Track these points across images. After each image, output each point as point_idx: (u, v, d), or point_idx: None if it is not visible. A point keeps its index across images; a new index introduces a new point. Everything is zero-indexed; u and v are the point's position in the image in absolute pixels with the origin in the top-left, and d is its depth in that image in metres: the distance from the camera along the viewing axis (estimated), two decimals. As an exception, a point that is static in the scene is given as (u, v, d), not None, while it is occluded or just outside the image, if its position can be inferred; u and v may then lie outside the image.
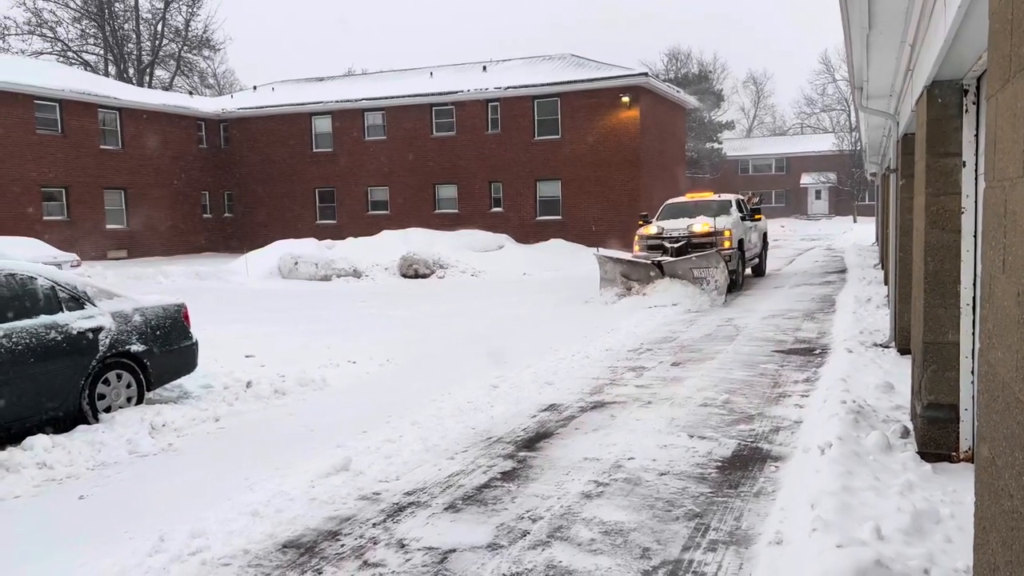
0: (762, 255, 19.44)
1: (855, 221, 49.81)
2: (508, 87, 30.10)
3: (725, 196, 17.93)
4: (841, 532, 3.73)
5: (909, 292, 7.02)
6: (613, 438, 6.12)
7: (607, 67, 30.29)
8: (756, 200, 21.06)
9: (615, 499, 4.81)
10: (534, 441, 6.16)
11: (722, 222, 15.82)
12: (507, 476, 5.34)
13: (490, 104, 30.53)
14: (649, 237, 16.05)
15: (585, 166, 28.76)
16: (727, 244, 15.45)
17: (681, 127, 35.94)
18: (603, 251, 16.67)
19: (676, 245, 15.50)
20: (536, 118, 29.99)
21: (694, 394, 7.50)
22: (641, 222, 16.88)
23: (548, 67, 31.80)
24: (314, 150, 33.41)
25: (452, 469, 5.52)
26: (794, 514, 4.29)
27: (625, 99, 28.43)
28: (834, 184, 59.26)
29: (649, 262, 14.77)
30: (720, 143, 60.95)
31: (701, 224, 15.63)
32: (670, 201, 18.47)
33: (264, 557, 4.18)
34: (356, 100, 32.54)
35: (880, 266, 18.87)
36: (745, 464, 5.41)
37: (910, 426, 5.71)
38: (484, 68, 33.14)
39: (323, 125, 33.34)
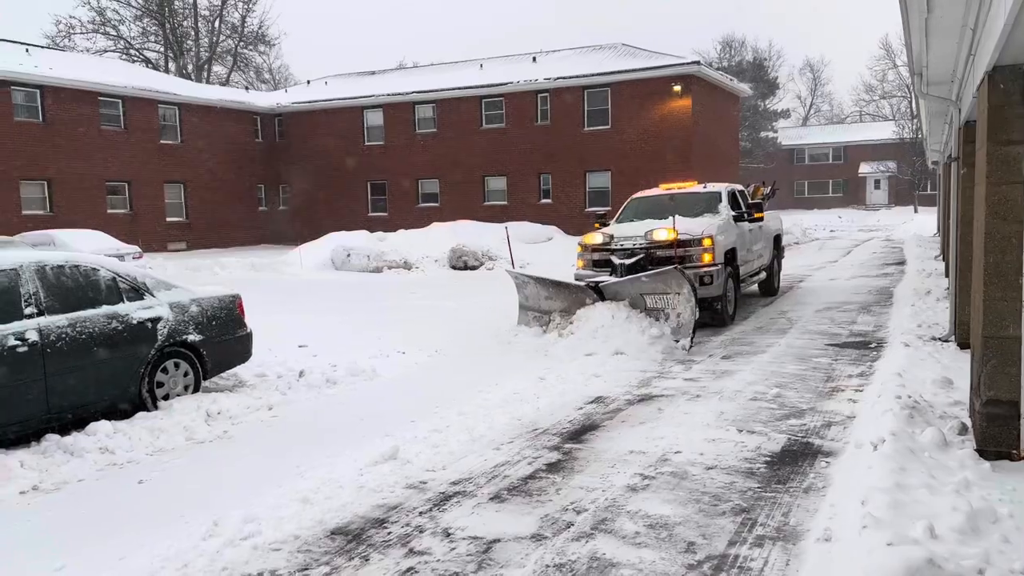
0: (772, 267, 14.00)
1: (916, 211, 48.33)
2: (558, 78, 29.97)
3: (715, 187, 12.52)
4: (892, 530, 3.65)
5: (969, 284, 6.81)
6: (660, 431, 6.08)
7: (658, 56, 29.94)
8: (765, 191, 15.64)
9: (661, 493, 4.78)
10: (580, 433, 6.16)
11: (700, 225, 10.86)
12: (552, 468, 5.35)
13: (540, 95, 30.46)
14: (593, 248, 11.10)
15: (635, 157, 28.49)
16: (707, 258, 10.45)
17: (734, 116, 35.34)
18: (519, 270, 11.45)
19: (629, 261, 10.51)
20: (586, 108, 29.82)
21: (744, 388, 7.40)
22: (598, 225, 12.18)
23: (599, 57, 31.57)
24: (366, 143, 33.80)
25: (498, 460, 5.56)
26: (844, 511, 4.21)
27: (677, 88, 28.07)
28: (894, 173, 57.54)
29: (583, 284, 10.07)
30: (775, 132, 59.79)
31: (664, 230, 10.56)
32: (638, 195, 12.90)
33: (313, 543, 4.28)
34: (407, 93, 32.78)
35: (941, 258, 18.29)
36: (795, 459, 5.33)
37: (968, 423, 5.55)
38: (534, 59, 33.06)
39: (375, 118, 33.69)
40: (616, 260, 10.56)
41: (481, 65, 33.96)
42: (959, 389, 6.56)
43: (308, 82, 39.62)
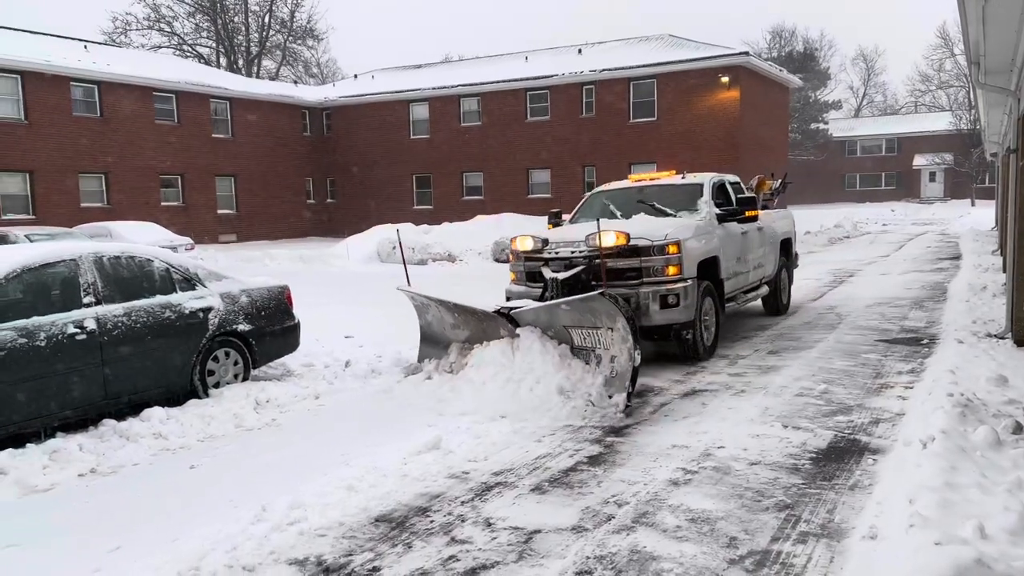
0: (778, 280, 11.06)
1: (973, 205, 46.90)
2: (603, 69, 29.81)
3: (696, 177, 9.77)
4: (941, 529, 3.58)
5: (1027, 280, 6.60)
6: (703, 426, 6.04)
7: (706, 46, 29.57)
8: (774, 185, 12.56)
9: (703, 487, 4.76)
10: (622, 427, 6.15)
11: (665, 227, 8.14)
12: (593, 460, 5.36)
13: (585, 87, 30.32)
14: (526, 257, 8.43)
15: (682, 149, 28.21)
16: (672, 270, 7.86)
17: (784, 108, 34.74)
18: (416, 290, 8.11)
19: (564, 274, 7.79)
20: (631, 100, 29.61)
21: (790, 383, 7.30)
22: (551, 225, 9.75)
23: (645, 48, 31.30)
24: (412, 136, 34.06)
25: (539, 451, 5.58)
26: (891, 509, 4.14)
27: (724, 79, 27.69)
28: (950, 165, 55.93)
29: (493, 312, 7.38)
30: (826, 123, 58.57)
31: (610, 234, 7.74)
32: (601, 188, 10.30)
33: (357, 529, 4.36)
34: (452, 86, 32.94)
35: (998, 252, 17.75)
36: (841, 456, 5.25)
37: (1023, 421, 5.40)
38: (579, 51, 32.92)
39: (420, 112, 33.92)
40: (548, 273, 7.66)
41: (526, 58, 33.94)
42: (1014, 387, 6.38)
43: (355, 76, 40.06)
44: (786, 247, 11.62)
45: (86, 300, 6.52)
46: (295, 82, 48.39)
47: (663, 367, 8.13)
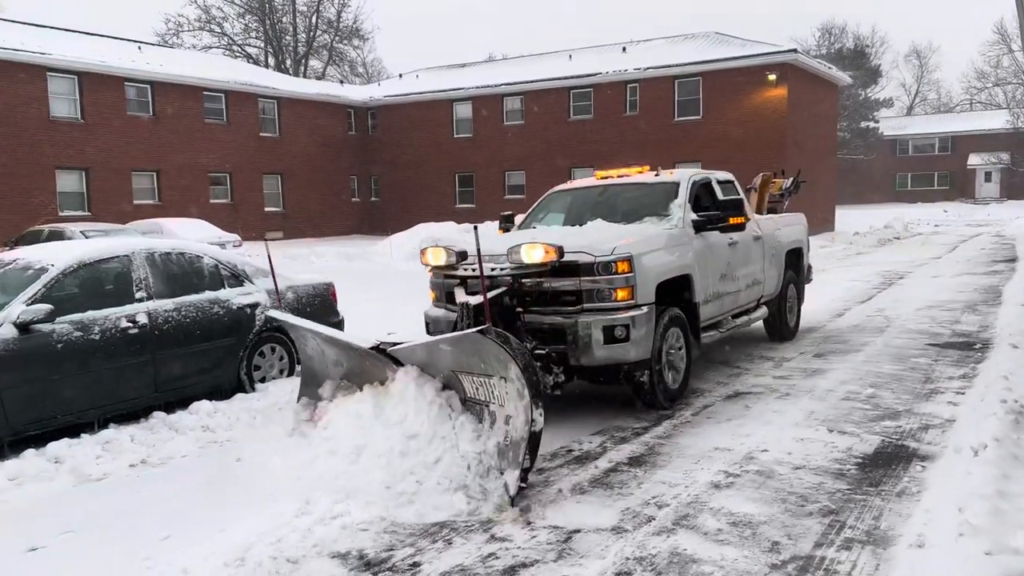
0: (783, 299, 9.27)
1: (1031, 205, 45.45)
2: (648, 67, 29.59)
3: (673, 175, 7.96)
4: (991, 539, 3.49)
5: (1087, 284, 6.36)
6: (747, 429, 5.97)
7: (752, 44, 29.16)
8: (785, 185, 11.37)
9: (745, 491, 4.71)
10: (663, 428, 6.11)
11: (614, 238, 6.47)
12: (634, 461, 5.34)
13: (629, 85, 30.13)
14: (443, 272, 6.73)
15: (727, 147, 27.85)
16: (622, 294, 6.14)
17: (832, 106, 34.09)
18: (289, 316, 6.53)
19: (477, 299, 5.79)
20: (676, 99, 29.34)
21: (836, 387, 7.17)
22: (502, 230, 8.42)
23: (690, 46, 30.99)
24: (455, 136, 34.22)
25: (581, 450, 5.58)
26: (940, 517, 4.05)
27: (771, 77, 27.28)
28: (1007, 165, 54.27)
29: (370, 347, 5.55)
30: (876, 122, 57.30)
31: (539, 247, 5.96)
32: (560, 187, 8.70)
33: (399, 525, 4.40)
34: (495, 85, 33.01)
35: (1057, 255, 17.18)
36: (888, 462, 5.14)
37: (1081, 431, 5.22)
38: (624, 49, 32.73)
39: (464, 111, 34.06)
40: (460, 296, 5.96)
41: (570, 56, 33.85)
42: (1072, 395, 6.17)
43: (400, 75, 40.38)
44: (794, 259, 9.64)
45: (138, 295, 6.69)
46: (341, 82, 49.00)
47: (707, 367, 8.05)
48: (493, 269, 6.02)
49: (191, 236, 17.62)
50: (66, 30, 29.88)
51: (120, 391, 6.42)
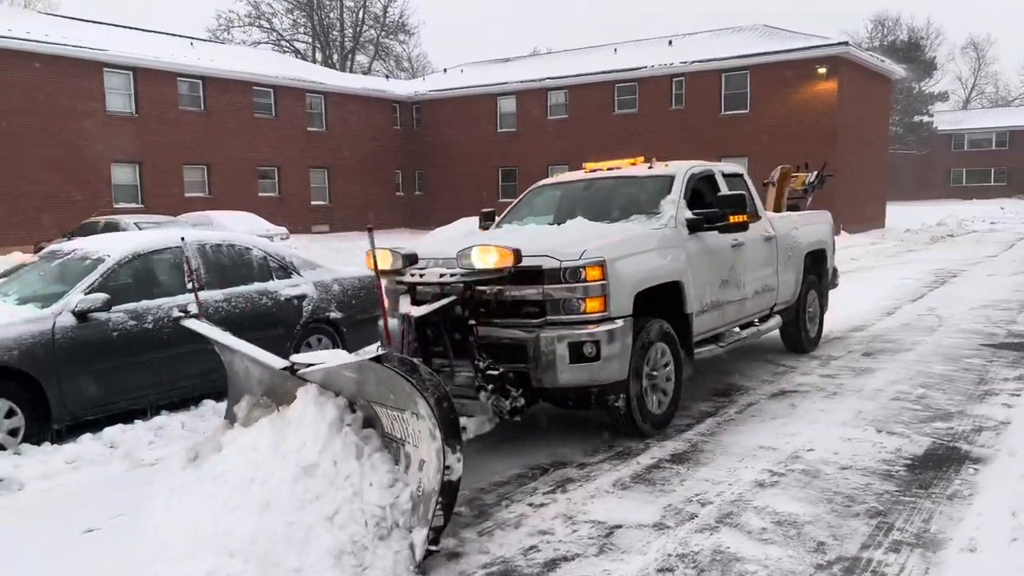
0: (801, 307, 8.34)
1: (1094, 202, 43.86)
2: (694, 61, 29.27)
3: (668, 167, 7.11)
4: (1047, 545, 3.40)
5: None
6: (792, 428, 5.89)
7: (802, 36, 28.65)
8: (809, 180, 10.91)
9: (790, 490, 4.65)
10: (706, 425, 6.06)
11: (585, 239, 5.60)
12: (677, 458, 5.31)
13: (674, 79, 29.85)
14: (394, 278, 5.69)
15: (775, 142, 27.43)
16: (593, 305, 5.27)
17: (885, 100, 33.30)
18: (198, 324, 5.48)
19: (420, 310, 5.12)
20: (723, 92, 28.98)
21: (885, 387, 7.03)
22: (482, 228, 7.63)
23: (737, 39, 30.56)
24: (498, 130, 34.29)
25: (623, 445, 5.56)
26: (992, 521, 3.95)
27: (821, 70, 26.77)
28: (1069, 160, 52.43)
29: (282, 367, 4.57)
30: (931, 116, 55.86)
31: (491, 251, 5.16)
32: (546, 182, 7.99)
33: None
34: (539, 80, 32.97)
35: (1121, 254, 16.56)
36: (939, 464, 5.03)
37: None
38: (670, 42, 32.41)
39: (507, 105, 34.10)
40: (404, 306, 5.25)
41: (615, 49, 33.64)
42: None
43: (445, 70, 40.57)
44: (816, 262, 8.73)
45: (189, 285, 6.85)
46: (386, 76, 49.42)
47: (750, 364, 7.95)
48: (443, 275, 5.24)
49: (240, 228, 17.95)
50: (121, 26, 30.65)
51: (172, 379, 6.59)
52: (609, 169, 7.46)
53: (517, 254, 5.11)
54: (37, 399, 5.79)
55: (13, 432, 5.69)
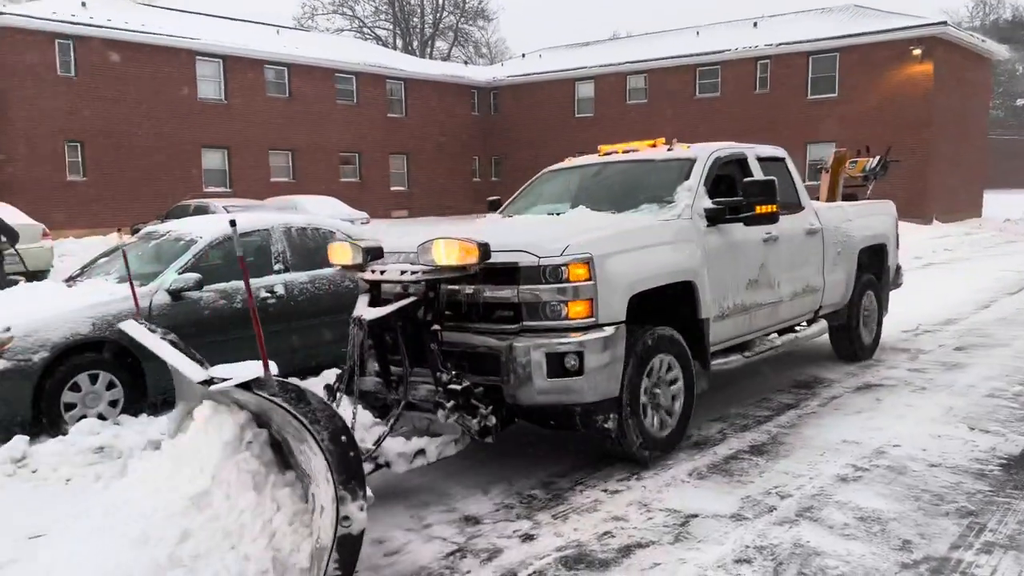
0: (855, 310, 7.46)
1: None
2: (780, 43, 28.42)
3: (689, 150, 6.16)
4: None
5: None
6: (877, 422, 5.70)
7: (895, 16, 27.44)
8: (869, 164, 10.11)
9: (874, 486, 4.51)
10: (787, 417, 5.93)
11: (573, 232, 4.88)
12: (756, 450, 5.21)
13: (759, 62, 29.05)
14: (360, 274, 4.94)
15: (864, 127, 26.40)
16: (578, 309, 4.52)
17: (985, 82, 31.66)
18: (135, 327, 4.87)
19: (380, 312, 4.48)
20: (810, 76, 28.07)
21: (978, 383, 6.72)
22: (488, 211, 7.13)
23: (826, 20, 29.51)
24: (576, 115, 34.08)
25: (699, 436, 5.50)
26: (1095, 527, 3.75)
27: (916, 52, 25.60)
28: None
29: (200, 381, 3.44)
30: (1035, 99, 52.68)
31: (454, 245, 4.38)
32: (559, 165, 7.28)
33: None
34: (619, 64, 32.59)
35: None
36: (1037, 465, 4.79)
37: None
38: (755, 24, 31.53)
39: (586, 90, 33.84)
40: (358, 308, 4.68)
41: (697, 32, 32.93)
42: None
43: (523, 55, 40.53)
44: (874, 259, 7.79)
45: (276, 267, 7.09)
46: (465, 62, 49.70)
47: (834, 356, 7.72)
48: (404, 272, 4.57)
49: (322, 213, 18.42)
50: (212, 16, 31.70)
51: (257, 357, 6.82)
52: (625, 152, 6.70)
53: (484, 249, 4.34)
54: (135, 373, 6.10)
55: (113, 403, 6.02)
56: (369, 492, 3.32)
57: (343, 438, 3.22)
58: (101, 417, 5.90)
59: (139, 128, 25.59)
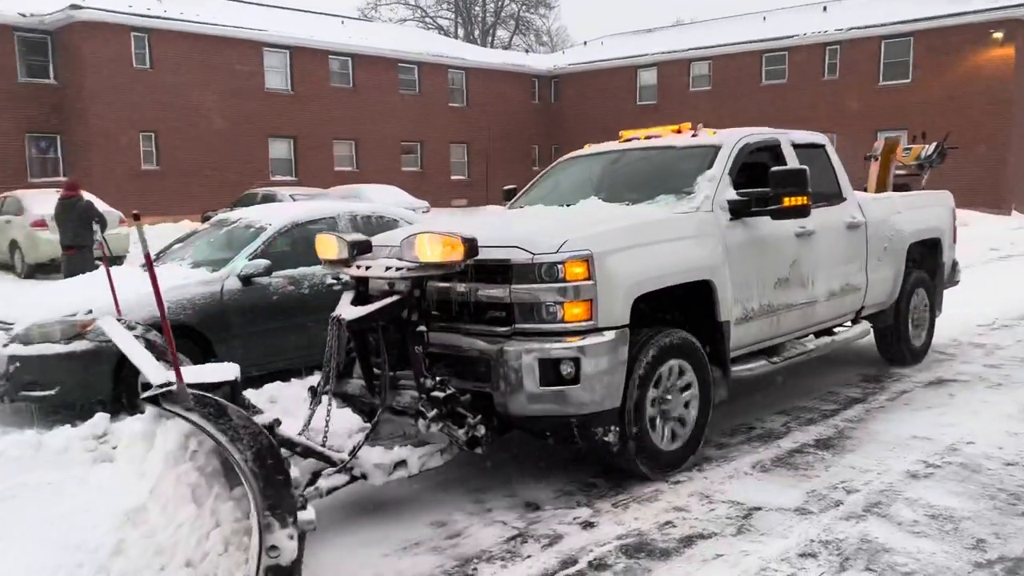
0: (903, 310, 6.87)
1: None
2: (851, 28, 27.58)
3: (717, 136, 5.69)
4: None
5: None
6: (950, 418, 5.53)
7: (976, -2, 26.33)
8: (925, 152, 9.58)
9: (946, 483, 4.38)
10: (854, 412, 5.80)
11: (568, 228, 4.49)
12: (821, 444, 5.12)
13: (828, 48, 28.27)
14: (345, 270, 4.66)
15: (939, 114, 25.45)
16: (576, 311, 4.14)
17: (1071, 65, 30.10)
18: (112, 326, 4.75)
19: (360, 312, 4.21)
20: (882, 61, 27.17)
21: (1060, 380, 6.46)
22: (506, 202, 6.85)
23: (900, 3, 28.47)
24: (638, 103, 33.72)
25: (762, 429, 5.43)
26: None
27: (996, 35, 24.55)
28: None
29: (160, 381, 3.26)
30: None
31: (436, 240, 4.07)
32: (577, 153, 6.93)
33: (576, 485, 4.48)
34: (683, 51, 32.12)
35: None
36: (1123, 467, 4.59)
37: None
38: (824, 8, 30.66)
39: (648, 77, 33.45)
40: (340, 307, 4.44)
41: (764, 17, 32.20)
42: None
43: (584, 43, 40.23)
44: (926, 255, 7.27)
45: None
46: (526, 51, 49.62)
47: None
48: (389, 269, 4.26)
49: (384, 201, 18.66)
50: (278, 7, 32.34)
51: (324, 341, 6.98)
52: (647, 138, 6.22)
53: (470, 244, 4.02)
54: (208, 354, 6.31)
55: (187, 384, 6.24)
56: (308, 516, 3.04)
57: (269, 459, 2.96)
58: (176, 397, 6.13)
59: (209, 118, 26.31)
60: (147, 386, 3.30)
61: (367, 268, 4.40)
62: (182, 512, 3.13)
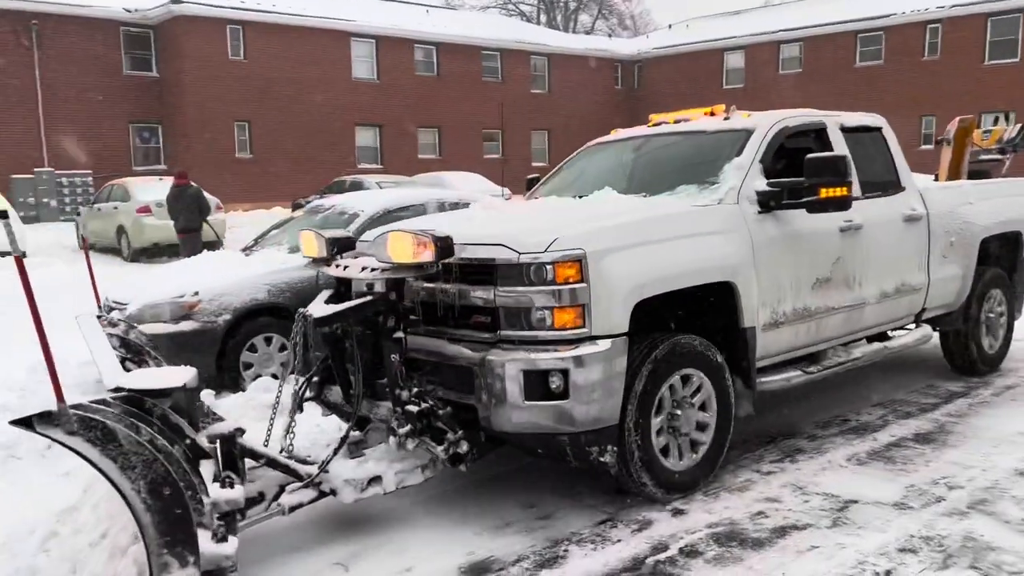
0: (972, 313, 6.09)
1: None
2: (954, 5, 26.23)
3: (751, 119, 5.11)
4: None
5: None
6: (1061, 415, 5.28)
7: (1095, -30, 24.64)
8: (1008, 133, 8.50)
9: (1058, 483, 4.20)
10: (956, 406, 5.59)
11: (562, 224, 4.00)
12: (920, 438, 4.96)
13: (929, 26, 26.98)
14: (325, 268, 4.38)
15: (1050, 95, 24.04)
16: (565, 317, 3.67)
17: None
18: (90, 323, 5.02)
19: (329, 310, 3.85)
20: (988, 39, 25.76)
21: None
22: (526, 191, 6.43)
23: (1010, -23, 26.91)
24: (724, 86, 32.98)
25: (859, 421, 5.30)
26: None
27: (1118, 8, 22.91)
28: None
29: (112, 386, 3.42)
30: None
31: (408, 239, 3.72)
32: (604, 138, 6.28)
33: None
34: (771, 32, 31.23)
35: None
36: None
37: None
38: (925, -15, 29.22)
39: (735, 61, 32.69)
40: (312, 304, 4.05)
41: (859, -4, 30.93)
42: None
43: (670, 26, 39.56)
44: (1005, 251, 6.52)
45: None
46: (609, 35, 49.07)
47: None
48: (364, 268, 3.92)
49: (467, 188, 18.88)
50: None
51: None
52: (676, 122, 5.64)
53: (443, 244, 3.68)
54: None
55: (284, 364, 6.50)
56: (226, 551, 2.83)
57: (166, 489, 2.67)
58: (274, 376, 6.39)
59: (299, 107, 27.10)
60: (116, 389, 3.25)
61: (345, 268, 4.09)
62: (98, 529, 3.06)
